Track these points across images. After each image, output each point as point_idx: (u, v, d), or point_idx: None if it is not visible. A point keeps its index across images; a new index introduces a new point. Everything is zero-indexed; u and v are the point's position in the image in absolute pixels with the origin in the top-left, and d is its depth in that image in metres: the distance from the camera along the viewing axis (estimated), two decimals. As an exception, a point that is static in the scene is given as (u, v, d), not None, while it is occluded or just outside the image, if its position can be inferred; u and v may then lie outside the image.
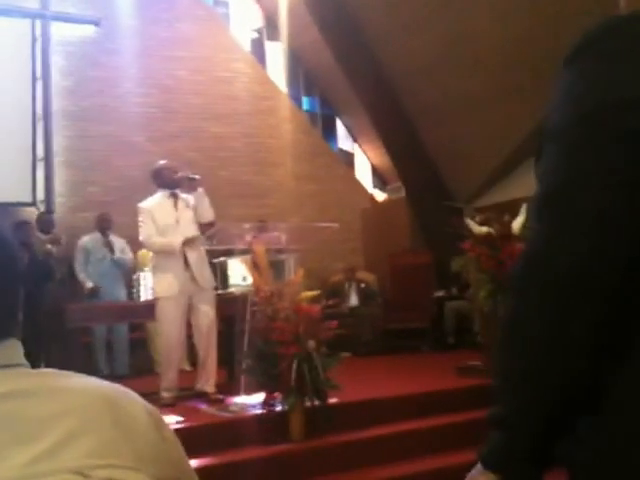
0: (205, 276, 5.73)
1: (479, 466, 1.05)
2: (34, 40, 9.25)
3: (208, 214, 5.80)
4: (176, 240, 5.57)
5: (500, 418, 0.98)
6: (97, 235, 7.90)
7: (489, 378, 5.73)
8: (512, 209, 6.37)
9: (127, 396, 0.91)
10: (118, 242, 7.90)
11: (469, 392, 5.71)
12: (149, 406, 0.92)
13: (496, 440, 1.00)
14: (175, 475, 0.90)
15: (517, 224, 6.06)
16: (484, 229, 6.13)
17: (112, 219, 7.99)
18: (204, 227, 5.82)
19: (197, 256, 5.70)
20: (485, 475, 1.03)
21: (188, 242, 5.60)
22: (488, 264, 6.03)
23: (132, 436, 0.85)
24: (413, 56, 9.71)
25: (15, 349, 0.89)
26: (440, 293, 9.91)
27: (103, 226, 7.90)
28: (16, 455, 0.78)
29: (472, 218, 6.52)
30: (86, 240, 7.84)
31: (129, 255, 7.96)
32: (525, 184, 8.20)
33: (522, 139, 9.05)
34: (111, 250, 7.80)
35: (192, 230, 5.73)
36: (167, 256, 5.62)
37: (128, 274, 7.82)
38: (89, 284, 7.57)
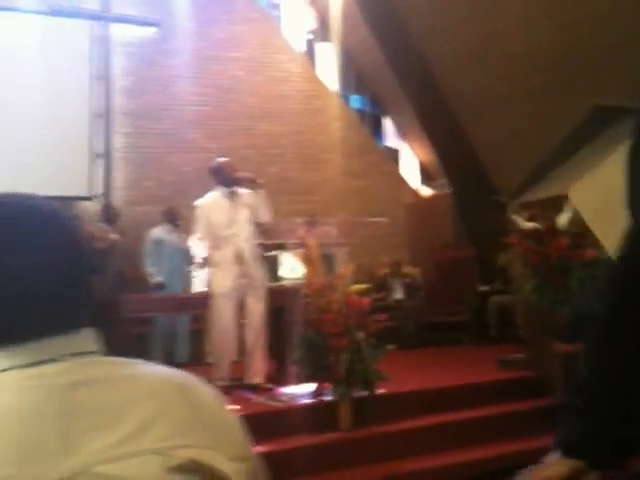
0: (257, 272, 5.84)
1: (557, 452, 1.07)
2: (94, 41, 9.50)
3: (266, 215, 5.89)
4: (200, 256, 5.82)
5: (584, 406, 1.01)
6: (167, 226, 8.10)
7: (530, 370, 5.84)
8: (556, 205, 6.39)
9: (195, 381, 0.94)
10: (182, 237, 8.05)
11: (511, 384, 5.80)
12: (213, 390, 0.96)
13: (578, 427, 1.02)
14: (244, 455, 0.92)
15: (562, 220, 6.05)
16: (531, 224, 6.15)
17: (180, 212, 8.12)
18: (259, 225, 5.93)
19: (250, 253, 5.82)
20: (565, 461, 1.05)
21: (203, 264, 5.79)
22: (534, 259, 6.05)
23: (205, 418, 0.89)
24: (457, 54, 9.74)
25: (88, 338, 0.92)
26: (483, 287, 9.95)
27: (173, 218, 8.08)
28: (97, 440, 0.80)
29: (518, 214, 6.54)
30: (157, 231, 8.04)
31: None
32: (568, 180, 8.21)
33: (567, 135, 9.04)
34: (182, 241, 7.96)
35: (247, 229, 5.83)
36: (221, 252, 5.76)
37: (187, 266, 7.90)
38: (157, 279, 7.73)
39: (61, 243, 0.92)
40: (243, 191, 5.93)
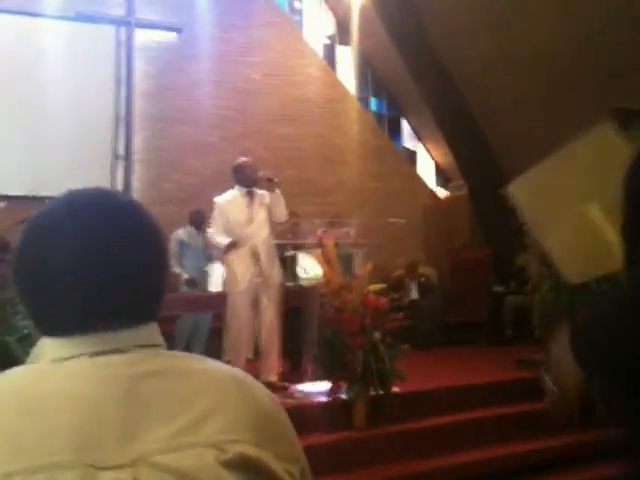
0: (273, 272, 5.87)
1: None
2: (119, 46, 9.73)
3: (282, 215, 5.93)
4: (224, 242, 5.78)
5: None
6: (191, 229, 8.16)
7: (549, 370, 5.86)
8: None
9: (252, 380, 0.96)
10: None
11: (528, 384, 5.80)
12: (270, 392, 0.98)
13: None
14: (294, 456, 0.93)
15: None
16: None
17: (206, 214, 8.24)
18: (277, 225, 5.95)
19: (267, 253, 5.85)
20: None
21: (231, 247, 5.75)
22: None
23: (260, 416, 0.90)
24: (476, 57, 9.77)
25: (155, 331, 0.95)
26: (499, 288, 9.96)
27: (198, 221, 8.11)
28: (160, 429, 0.83)
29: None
30: (180, 233, 8.10)
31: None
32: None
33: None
34: (205, 243, 8.00)
35: (265, 229, 5.86)
36: (237, 251, 5.80)
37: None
38: (185, 275, 7.81)
39: (151, 246, 0.96)
40: (261, 191, 5.97)
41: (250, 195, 5.93)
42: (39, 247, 0.91)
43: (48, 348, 0.90)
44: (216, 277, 7.32)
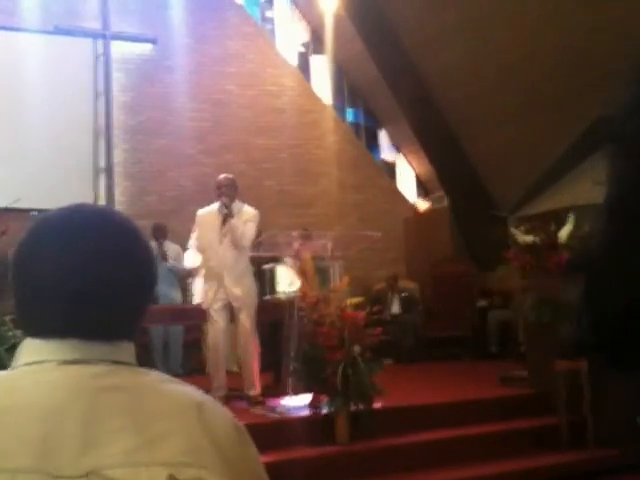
0: (241, 291, 5.77)
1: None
2: (96, 58, 9.80)
3: (243, 241, 5.77)
4: (189, 265, 5.95)
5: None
6: (152, 244, 8.15)
7: (532, 388, 5.79)
8: (556, 218, 6.35)
9: (218, 409, 0.96)
10: (173, 249, 8.19)
11: (511, 402, 5.76)
12: (237, 422, 0.97)
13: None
14: None
15: (563, 233, 5.97)
16: (529, 238, 6.07)
17: (167, 228, 8.34)
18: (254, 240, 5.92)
19: (234, 274, 5.75)
20: None
21: (194, 273, 5.81)
22: (533, 273, 6.01)
23: (219, 445, 0.90)
24: (451, 65, 9.79)
25: (129, 351, 0.96)
26: (482, 302, 9.92)
27: (157, 235, 8.24)
28: (117, 443, 0.84)
29: (517, 227, 6.47)
30: None
31: (183, 262, 8.23)
32: (569, 194, 8.18)
33: (566, 149, 9.04)
34: (164, 258, 8.08)
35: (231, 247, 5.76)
36: (209, 269, 5.82)
37: (183, 279, 8.10)
38: None
39: (140, 259, 0.99)
40: (242, 208, 5.90)
41: (224, 211, 5.81)
42: (28, 258, 0.95)
43: (25, 349, 0.93)
44: (197, 292, 7.34)
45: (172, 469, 0.84)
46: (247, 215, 5.86)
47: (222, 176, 6.02)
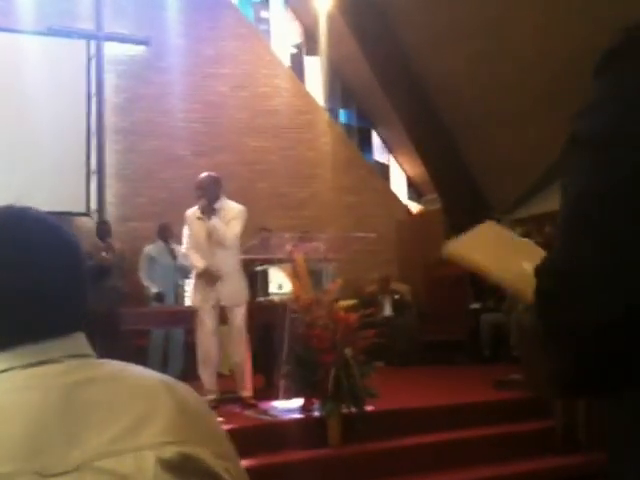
0: (233, 291, 5.74)
1: None
2: (89, 59, 9.77)
3: (226, 241, 5.70)
4: (198, 264, 5.71)
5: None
6: (160, 243, 8.25)
7: (528, 391, 5.76)
8: (550, 221, 6.33)
9: (181, 384, 0.99)
10: (179, 249, 8.12)
11: (506, 405, 5.73)
12: (197, 394, 1.01)
13: None
14: (229, 455, 0.95)
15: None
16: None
17: (172, 228, 8.23)
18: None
19: (223, 273, 5.70)
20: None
21: (203, 274, 5.68)
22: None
23: (193, 418, 0.93)
24: (447, 69, 9.79)
25: (83, 341, 0.98)
26: (476, 305, 9.88)
27: (164, 235, 8.23)
28: (100, 434, 0.85)
29: (512, 229, 6.44)
30: (150, 248, 8.21)
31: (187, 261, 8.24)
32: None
33: (560, 151, 9.01)
34: (174, 257, 8.06)
35: (223, 246, 5.73)
36: (199, 265, 5.76)
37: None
38: (154, 289, 7.87)
39: (70, 256, 1.01)
40: (226, 206, 5.82)
41: (212, 210, 5.74)
42: None
43: None
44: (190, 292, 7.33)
45: (157, 449, 0.85)
46: (232, 213, 5.78)
47: (202, 176, 5.90)
